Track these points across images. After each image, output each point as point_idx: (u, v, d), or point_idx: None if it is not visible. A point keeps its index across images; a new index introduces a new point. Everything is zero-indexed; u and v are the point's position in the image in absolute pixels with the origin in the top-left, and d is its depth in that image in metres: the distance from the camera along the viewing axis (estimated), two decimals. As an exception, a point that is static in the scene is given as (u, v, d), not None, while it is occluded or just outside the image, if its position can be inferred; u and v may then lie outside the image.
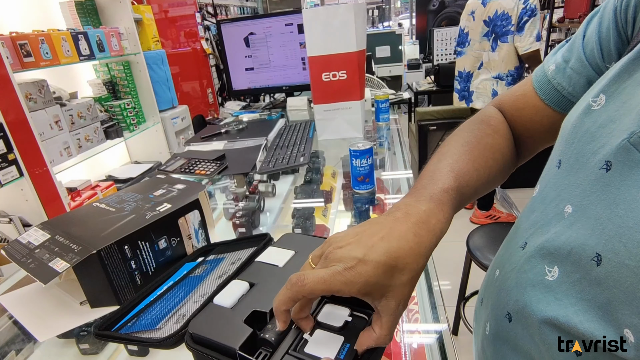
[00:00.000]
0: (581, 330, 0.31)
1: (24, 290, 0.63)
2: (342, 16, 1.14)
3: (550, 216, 0.37)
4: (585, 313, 0.31)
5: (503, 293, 0.41)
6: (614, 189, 0.30)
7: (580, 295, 0.32)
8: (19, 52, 1.60)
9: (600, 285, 0.30)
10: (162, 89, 2.61)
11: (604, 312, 0.29)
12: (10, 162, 1.49)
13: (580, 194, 0.33)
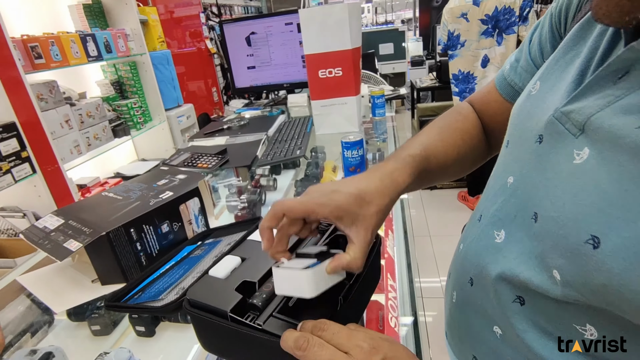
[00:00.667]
0: (522, 279, 0.36)
1: (40, 271, 0.69)
2: (337, 15, 1.18)
3: (497, 188, 0.42)
4: (525, 264, 0.36)
5: (466, 262, 0.46)
6: (545, 158, 0.35)
7: (521, 251, 0.36)
8: (30, 54, 1.67)
9: (537, 238, 0.35)
10: (168, 88, 2.67)
11: (539, 261, 0.34)
12: (23, 160, 1.57)
13: (520, 166, 0.39)
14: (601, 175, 0.29)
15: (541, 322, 0.36)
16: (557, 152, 0.33)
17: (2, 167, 1.47)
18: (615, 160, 0.28)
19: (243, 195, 1.07)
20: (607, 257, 0.27)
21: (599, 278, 0.28)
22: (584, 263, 0.29)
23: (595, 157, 0.30)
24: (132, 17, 2.35)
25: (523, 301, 0.37)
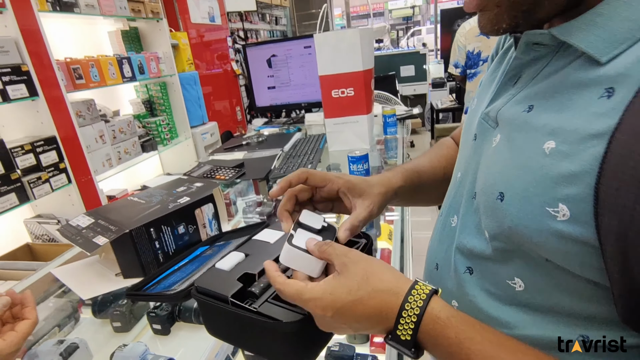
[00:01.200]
0: (469, 247, 0.43)
1: (71, 265, 0.77)
2: (350, 39, 1.27)
3: (451, 185, 0.51)
4: (470, 234, 0.43)
5: (431, 251, 0.53)
6: (478, 149, 0.44)
7: (468, 225, 0.44)
8: (72, 75, 1.84)
9: (476, 211, 0.42)
10: (194, 107, 2.83)
11: (478, 228, 0.42)
12: (61, 170, 1.71)
13: (464, 161, 0.47)
14: (504, 149, 0.38)
15: (486, 285, 0.42)
16: (484, 143, 0.43)
17: (42, 177, 1.61)
18: (512, 137, 0.37)
19: (259, 207, 1.14)
20: (508, 205, 0.35)
21: (506, 222, 0.36)
22: (497, 214, 0.37)
23: (502, 139, 0.39)
24: (165, 42, 2.53)
25: (472, 271, 0.43)
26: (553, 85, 0.35)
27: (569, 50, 0.34)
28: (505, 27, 0.36)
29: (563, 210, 0.31)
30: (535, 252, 0.35)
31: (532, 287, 0.37)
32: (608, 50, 0.30)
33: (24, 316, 0.55)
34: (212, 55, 3.51)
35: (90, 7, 1.92)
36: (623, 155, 0.27)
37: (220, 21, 3.61)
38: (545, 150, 0.33)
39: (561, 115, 0.33)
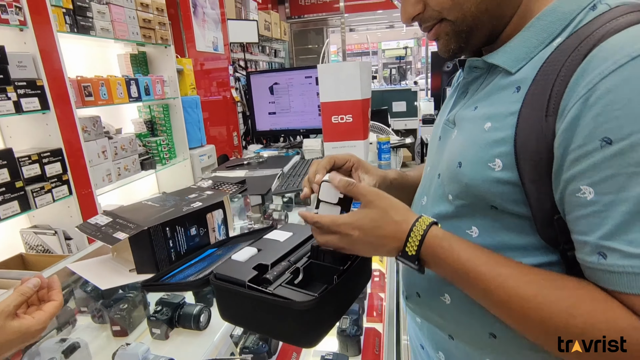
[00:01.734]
0: (437, 212, 0.56)
1: (86, 261, 0.82)
2: (350, 71, 1.38)
3: (422, 178, 0.65)
4: (437, 202, 0.56)
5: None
6: (442, 145, 0.58)
7: (436, 197, 0.57)
8: (82, 92, 1.92)
9: (441, 185, 0.55)
10: (194, 129, 2.92)
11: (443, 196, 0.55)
12: (63, 182, 1.75)
13: (432, 157, 0.62)
14: (460, 136, 0.53)
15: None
16: (446, 139, 0.57)
17: (46, 187, 1.65)
18: (464, 127, 0.53)
19: (255, 225, 1.20)
20: (464, 168, 0.49)
21: (464, 181, 0.49)
22: (457, 178, 0.50)
23: (457, 132, 0.54)
24: (171, 66, 2.65)
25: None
26: (488, 91, 0.51)
27: (495, 69, 0.51)
28: (454, 48, 0.52)
29: (498, 163, 0.46)
30: (484, 201, 0.48)
31: (483, 231, 0.50)
32: (515, 65, 0.47)
33: (50, 298, 0.60)
34: (213, 82, 3.65)
35: (105, 30, 2.03)
36: (525, 121, 0.43)
37: (223, 50, 3.78)
38: (485, 128, 0.48)
39: (493, 107, 0.49)
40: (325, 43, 1.56)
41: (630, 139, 0.36)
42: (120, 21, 2.14)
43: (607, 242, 0.38)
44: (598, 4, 0.44)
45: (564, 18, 0.45)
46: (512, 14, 0.49)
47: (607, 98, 0.37)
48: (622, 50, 0.37)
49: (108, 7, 2.05)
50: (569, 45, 0.42)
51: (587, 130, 0.38)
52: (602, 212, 0.38)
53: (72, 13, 1.84)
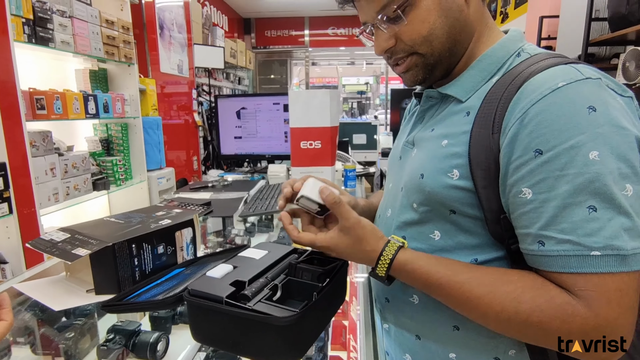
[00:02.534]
0: (402, 220, 0.64)
1: (36, 281, 0.74)
2: (320, 98, 1.43)
3: (384, 194, 0.74)
4: (402, 211, 0.64)
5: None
6: (402, 163, 0.68)
7: (400, 208, 0.65)
8: (34, 105, 1.81)
9: (405, 196, 0.63)
10: (153, 151, 2.82)
11: (408, 205, 0.63)
12: (4, 199, 1.60)
13: (392, 174, 0.71)
14: (420, 153, 0.63)
15: (415, 244, 0.62)
16: (406, 158, 0.67)
17: (-17, 203, 1.49)
18: (424, 145, 0.62)
19: (219, 249, 1.16)
20: (426, 179, 0.58)
21: (427, 189, 0.58)
22: (420, 187, 0.59)
23: (417, 151, 0.64)
24: (133, 85, 2.58)
25: (405, 237, 0.63)
26: (443, 116, 0.62)
27: (447, 98, 0.62)
28: (420, 79, 0.62)
29: (455, 173, 0.55)
30: (444, 205, 0.57)
31: (444, 234, 0.58)
32: (465, 95, 0.59)
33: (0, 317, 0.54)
34: (176, 104, 3.58)
35: (65, 43, 1.95)
36: (476, 138, 0.54)
37: (188, 74, 3.75)
38: (442, 145, 0.58)
39: (448, 128, 0.59)
40: (298, 71, 1.60)
41: (555, 150, 0.46)
42: (83, 35, 2.08)
43: (544, 231, 0.47)
44: (521, 52, 0.59)
45: (497, 61, 0.59)
46: (462, 55, 0.61)
47: (536, 119, 0.48)
48: (545, 84, 0.49)
49: (71, 20, 1.99)
50: (504, 81, 0.55)
51: (524, 144, 0.48)
52: (539, 208, 0.48)
53: (31, 23, 1.76)
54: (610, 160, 0.45)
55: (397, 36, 0.59)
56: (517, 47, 0.60)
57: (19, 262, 1.69)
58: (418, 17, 0.57)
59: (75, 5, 2.02)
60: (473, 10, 0.59)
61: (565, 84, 0.48)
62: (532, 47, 0.60)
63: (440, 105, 0.64)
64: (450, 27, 0.58)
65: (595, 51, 2.64)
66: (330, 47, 7.00)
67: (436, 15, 0.57)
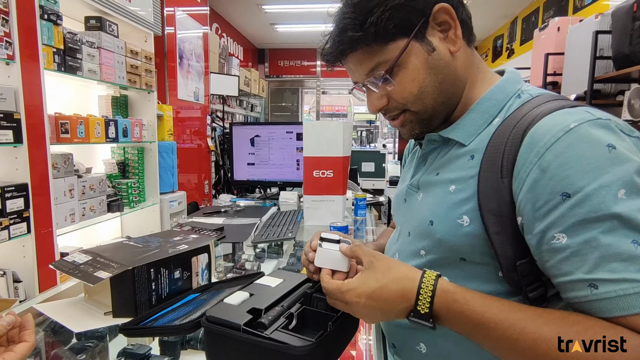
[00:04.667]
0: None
1: (55, 302, 0.76)
2: (334, 129, 1.47)
3: (391, 238, 0.76)
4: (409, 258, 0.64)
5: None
6: (408, 206, 0.68)
7: (407, 254, 0.65)
8: (59, 129, 1.89)
9: (412, 241, 0.64)
10: (167, 175, 2.88)
11: (415, 252, 0.63)
12: (23, 219, 1.64)
13: (400, 218, 0.72)
14: (427, 198, 0.63)
15: None
16: (412, 201, 0.67)
17: (3, 223, 1.54)
18: (430, 190, 0.62)
19: (229, 274, 1.17)
20: (436, 226, 0.58)
21: (437, 237, 0.58)
22: (429, 235, 0.59)
23: (424, 195, 0.64)
24: (151, 111, 2.68)
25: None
26: (446, 160, 0.62)
27: (449, 141, 0.63)
28: (417, 133, 0.64)
29: (465, 219, 0.55)
30: (455, 253, 0.56)
31: (453, 280, 0.53)
32: (468, 139, 0.59)
33: (22, 339, 0.55)
34: (191, 129, 3.68)
35: (92, 72, 2.06)
36: (484, 182, 0.53)
37: (203, 101, 3.88)
38: (450, 190, 0.58)
39: (453, 172, 0.59)
40: (312, 102, 1.65)
41: (583, 192, 0.45)
42: (109, 65, 2.19)
43: (594, 274, 0.44)
44: (521, 94, 0.59)
45: (497, 104, 0.59)
46: (458, 103, 0.62)
47: (556, 162, 0.47)
48: (556, 126, 0.48)
49: (99, 51, 2.10)
50: (508, 124, 0.54)
51: (548, 189, 0.47)
52: (580, 251, 0.45)
53: (62, 53, 1.86)
54: (637, 197, 0.44)
55: (388, 95, 0.60)
56: (515, 89, 0.60)
57: (32, 282, 1.71)
58: (407, 77, 0.58)
59: (104, 36, 2.14)
60: (461, 61, 0.60)
61: (577, 124, 0.47)
62: (531, 88, 0.60)
63: (442, 149, 0.64)
64: (440, 83, 0.58)
65: (601, 88, 2.68)
66: (341, 78, 7.18)
67: (425, 73, 0.57)
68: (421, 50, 0.57)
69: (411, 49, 0.56)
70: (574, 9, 3.82)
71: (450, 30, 0.58)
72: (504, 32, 5.54)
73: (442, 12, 0.56)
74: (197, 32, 3.73)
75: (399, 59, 0.56)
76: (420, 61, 0.57)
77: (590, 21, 2.67)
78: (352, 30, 0.56)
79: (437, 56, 0.57)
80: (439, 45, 0.57)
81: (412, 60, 0.57)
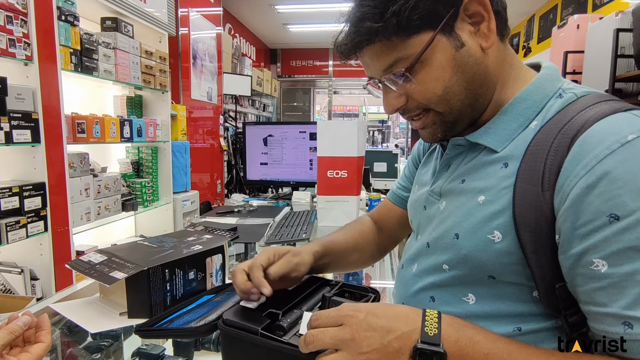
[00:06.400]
0: (431, 282, 0.58)
1: (71, 302, 0.76)
2: (348, 129, 1.45)
3: (407, 244, 0.69)
4: (429, 273, 0.58)
5: (397, 295, 0.67)
6: (428, 214, 0.62)
7: (426, 267, 0.59)
8: (75, 129, 1.91)
9: (432, 254, 0.59)
10: (180, 174, 2.90)
11: (436, 266, 0.57)
12: (40, 217, 1.67)
13: (417, 225, 0.66)
14: (451, 208, 0.57)
15: (445, 307, 0.55)
16: (432, 210, 0.61)
17: (21, 221, 1.56)
18: (455, 199, 0.56)
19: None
20: (462, 240, 0.52)
21: (462, 252, 0.52)
22: (454, 249, 0.53)
23: (447, 204, 0.58)
24: (165, 111, 2.70)
25: (434, 299, 0.57)
26: (473, 166, 0.56)
27: (477, 146, 0.56)
28: (440, 137, 0.58)
29: (497, 235, 0.49)
30: (483, 271, 0.51)
31: (480, 298, 0.51)
32: (500, 145, 0.53)
33: (38, 339, 0.55)
34: (204, 129, 3.71)
35: (108, 72, 2.08)
36: (521, 195, 0.47)
37: (216, 101, 3.90)
38: (479, 201, 0.52)
39: (483, 181, 0.53)
40: (326, 102, 1.64)
41: (635, 215, 0.39)
42: (124, 65, 2.21)
43: (632, 311, 0.39)
44: (563, 93, 0.52)
45: (535, 105, 0.53)
46: (488, 104, 0.55)
47: (607, 178, 0.41)
48: (610, 136, 0.42)
49: (114, 51, 2.12)
50: (551, 129, 0.48)
51: (594, 207, 0.41)
52: (620, 282, 0.40)
53: (78, 54, 1.89)
54: None
55: (408, 94, 0.54)
56: (555, 88, 0.53)
57: (49, 279, 1.74)
58: (431, 76, 0.51)
59: (119, 37, 2.16)
60: (493, 58, 0.53)
61: (635, 136, 0.41)
62: (574, 86, 0.53)
63: (469, 154, 0.58)
64: (468, 83, 0.52)
65: (622, 87, 2.60)
66: (353, 77, 7.15)
67: (451, 72, 0.51)
68: (448, 45, 0.50)
69: (437, 43, 0.50)
70: (593, 6, 3.72)
71: (482, 23, 0.51)
72: (521, 30, 5.44)
73: (475, 3, 0.50)
74: (210, 33, 3.75)
75: (422, 55, 0.50)
76: (446, 58, 0.50)
77: (611, 19, 2.59)
78: (370, 20, 0.49)
79: (465, 52, 0.51)
80: (468, 40, 0.51)
81: (437, 56, 0.50)
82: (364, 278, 1.29)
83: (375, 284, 1.21)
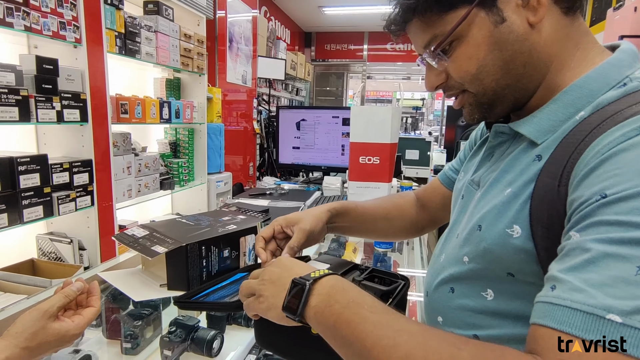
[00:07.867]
0: (451, 273, 0.56)
1: (117, 271, 0.82)
2: (382, 115, 1.44)
3: (444, 233, 0.65)
4: (452, 264, 0.57)
5: (426, 281, 0.66)
6: (466, 206, 0.59)
7: (450, 258, 0.57)
8: (119, 109, 2.00)
9: (457, 245, 0.56)
10: (214, 155, 2.99)
11: (458, 257, 0.56)
12: (88, 192, 1.78)
13: (455, 215, 0.63)
14: (482, 200, 0.53)
15: (464, 300, 0.54)
16: (469, 199, 0.59)
17: (71, 195, 1.68)
18: (488, 191, 0.53)
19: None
20: (484, 232, 0.50)
21: (482, 244, 0.50)
22: (475, 240, 0.51)
23: (481, 195, 0.55)
24: (202, 94, 2.77)
25: (453, 290, 0.56)
26: (513, 157, 0.52)
27: (520, 136, 0.52)
28: (478, 117, 0.55)
29: (516, 229, 0.46)
30: (501, 267, 0.48)
31: (499, 295, 0.49)
32: (541, 137, 0.48)
33: (89, 304, 0.60)
34: (238, 112, 3.77)
35: (149, 55, 2.15)
36: (540, 189, 0.44)
37: (250, 84, 3.94)
38: (505, 194, 0.49)
39: (514, 173, 0.50)
40: (361, 87, 1.62)
41: (622, 193, 0.35)
42: (164, 48, 2.27)
43: (564, 274, 0.36)
44: (629, 82, 0.44)
45: (590, 94, 0.46)
46: (536, 87, 0.50)
47: (611, 160, 0.37)
48: (632, 124, 0.38)
49: (156, 35, 2.19)
50: (591, 122, 0.43)
51: (589, 187, 0.38)
52: (574, 249, 0.37)
53: (123, 37, 1.96)
54: None
55: (447, 72, 0.53)
56: (622, 76, 0.45)
57: (94, 250, 1.87)
58: (465, 54, 0.49)
59: (160, 20, 2.22)
60: (547, 33, 0.47)
61: None
62: None
63: (512, 143, 0.54)
64: (506, 62, 0.48)
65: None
66: (388, 62, 6.99)
67: (487, 50, 0.48)
68: (486, 20, 0.47)
69: (473, 19, 0.47)
70: (657, -15, 3.40)
71: None
72: (571, 13, 5.06)
73: None
74: (246, 16, 3.77)
75: (454, 32, 0.48)
76: (482, 34, 0.47)
77: (677, -1, 2.36)
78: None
79: (506, 29, 0.47)
80: (511, 15, 0.47)
81: (472, 32, 0.48)
82: (392, 265, 1.29)
83: (403, 271, 1.21)
